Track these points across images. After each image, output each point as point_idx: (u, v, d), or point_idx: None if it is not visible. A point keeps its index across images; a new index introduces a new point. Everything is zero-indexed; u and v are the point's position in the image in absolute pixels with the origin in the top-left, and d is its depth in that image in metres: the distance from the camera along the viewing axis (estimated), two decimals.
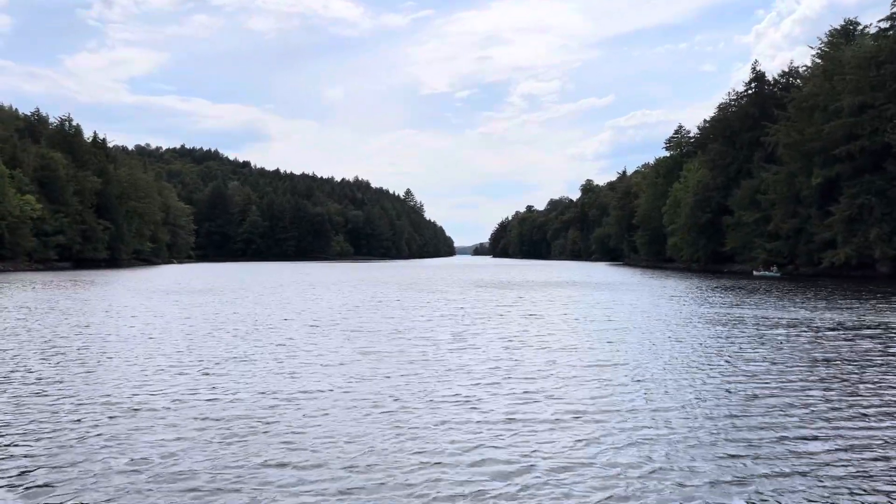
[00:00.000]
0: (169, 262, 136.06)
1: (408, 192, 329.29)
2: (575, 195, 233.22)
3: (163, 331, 21.19)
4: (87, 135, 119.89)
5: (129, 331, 21.09)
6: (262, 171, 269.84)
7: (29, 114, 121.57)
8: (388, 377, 13.17)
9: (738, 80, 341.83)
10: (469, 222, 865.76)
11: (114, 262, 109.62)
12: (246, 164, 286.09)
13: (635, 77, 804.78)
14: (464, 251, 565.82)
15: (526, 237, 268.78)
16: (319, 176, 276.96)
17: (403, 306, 30.50)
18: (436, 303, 32.84)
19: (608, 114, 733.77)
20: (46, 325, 22.58)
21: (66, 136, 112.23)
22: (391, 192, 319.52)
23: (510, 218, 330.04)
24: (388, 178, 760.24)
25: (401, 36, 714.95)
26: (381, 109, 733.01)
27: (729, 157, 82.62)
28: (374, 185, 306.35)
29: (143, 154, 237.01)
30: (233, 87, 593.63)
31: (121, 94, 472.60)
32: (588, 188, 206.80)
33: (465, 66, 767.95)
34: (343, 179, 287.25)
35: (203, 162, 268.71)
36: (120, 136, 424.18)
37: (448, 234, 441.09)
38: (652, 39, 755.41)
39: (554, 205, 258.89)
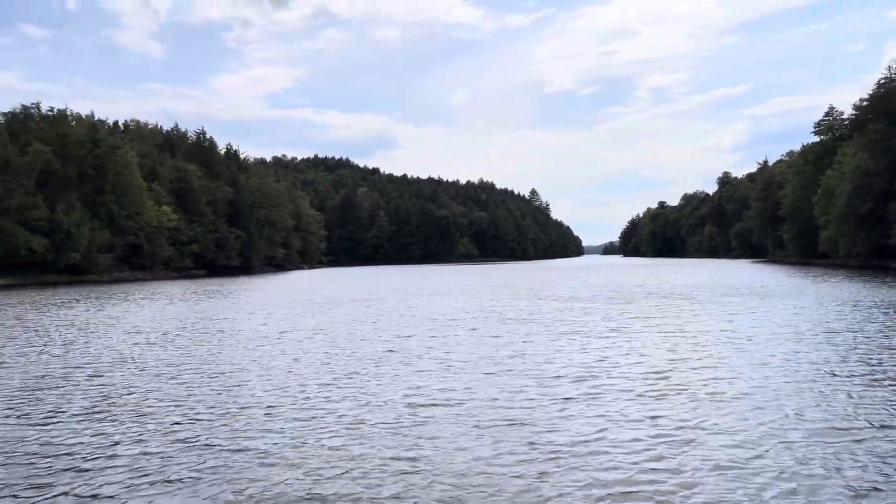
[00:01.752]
0: (300, 267, 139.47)
1: (533, 192, 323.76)
2: (710, 189, 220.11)
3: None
4: (225, 148, 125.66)
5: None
6: (389, 177, 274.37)
7: (169, 129, 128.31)
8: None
9: (892, 56, 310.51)
10: (597, 221, 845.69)
11: (246, 268, 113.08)
12: (375, 171, 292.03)
13: (771, 63, 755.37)
14: (592, 250, 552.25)
15: (658, 234, 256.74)
16: (445, 179, 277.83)
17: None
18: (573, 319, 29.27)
19: (743, 103, 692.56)
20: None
21: (201, 149, 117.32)
22: (516, 192, 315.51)
23: (641, 215, 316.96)
24: (513, 178, 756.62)
25: (523, 35, 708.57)
26: (506, 110, 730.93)
27: (893, 137, 73.06)
28: (499, 186, 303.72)
29: (280, 165, 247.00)
30: (362, 97, 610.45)
31: (259, 109, 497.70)
32: (725, 181, 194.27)
33: (589, 61, 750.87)
34: (468, 182, 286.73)
35: (335, 170, 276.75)
36: (259, 149, 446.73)
37: (576, 233, 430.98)
38: (789, 22, 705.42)
39: (688, 200, 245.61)
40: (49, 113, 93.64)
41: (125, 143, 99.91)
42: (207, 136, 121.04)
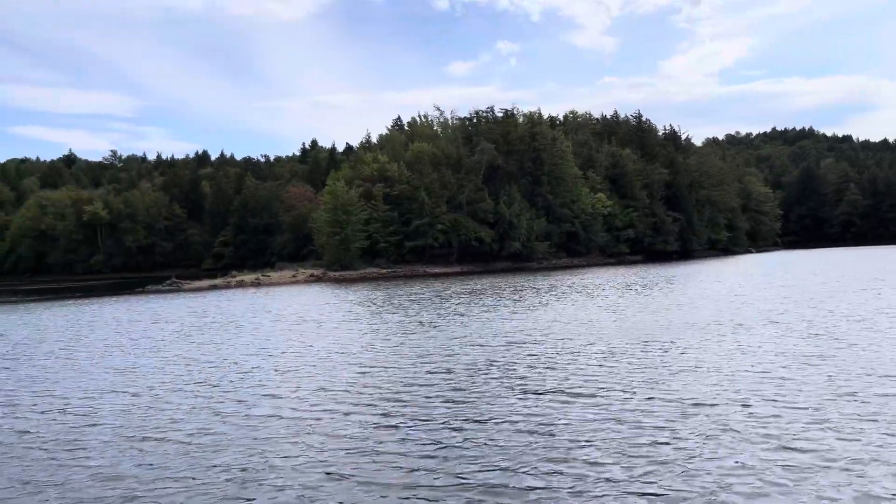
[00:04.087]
0: (748, 251, 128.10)
1: None
2: None
3: None
4: (663, 129, 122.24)
5: None
6: (864, 144, 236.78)
7: (608, 116, 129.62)
8: None
9: None
10: None
11: (685, 253, 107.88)
12: (845, 139, 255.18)
13: None
14: None
15: None
16: None
17: None
18: None
19: None
20: None
21: (638, 133, 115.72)
22: None
23: None
24: None
25: None
26: None
27: None
28: None
29: (732, 142, 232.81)
30: (830, 59, 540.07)
31: (711, 86, 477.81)
32: None
33: None
34: None
35: (795, 142, 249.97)
36: (710, 128, 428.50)
37: None
38: None
39: None
40: (499, 115, 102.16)
41: (564, 134, 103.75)
42: (644, 119, 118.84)
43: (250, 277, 72.33)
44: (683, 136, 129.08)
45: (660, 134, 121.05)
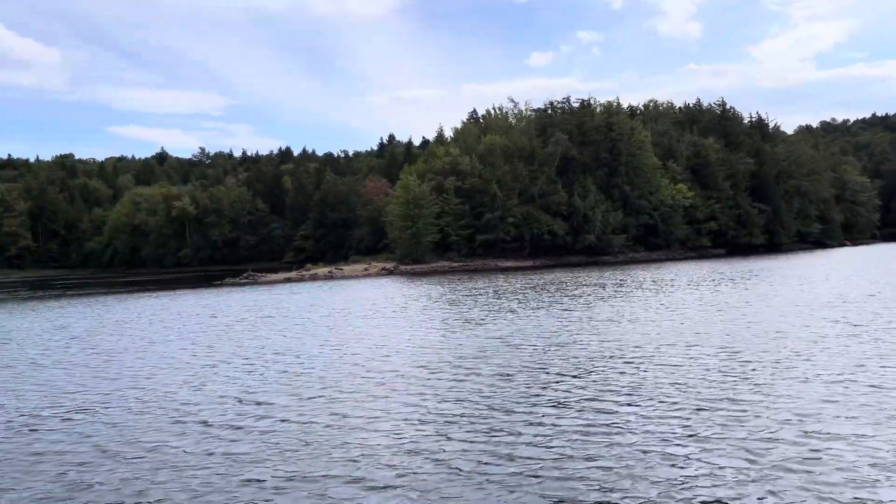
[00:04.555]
0: (842, 244, 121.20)
1: None
2: None
3: None
4: (749, 117, 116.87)
5: None
6: None
7: (690, 104, 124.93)
8: None
9: None
10: None
11: (773, 246, 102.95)
12: None
13: None
14: None
15: None
16: None
17: None
18: None
19: None
20: None
21: (721, 121, 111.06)
22: None
23: None
24: None
25: None
26: None
27: None
28: None
29: (828, 130, 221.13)
30: None
31: (805, 71, 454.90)
32: None
33: None
34: None
35: None
36: (804, 115, 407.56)
37: None
38: None
39: None
40: (575, 105, 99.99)
41: (642, 123, 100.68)
42: (729, 107, 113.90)
43: (323, 271, 73.55)
44: (771, 124, 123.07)
45: (745, 122, 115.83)
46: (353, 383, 15.43)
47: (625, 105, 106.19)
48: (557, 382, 14.47)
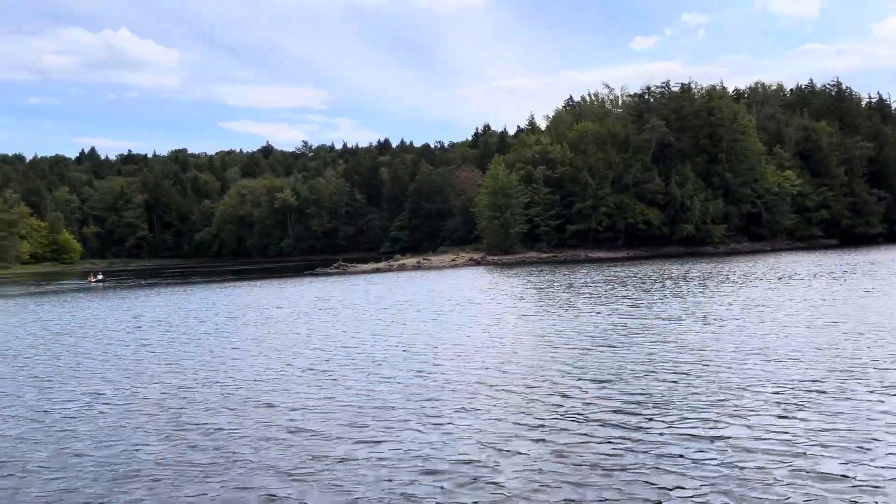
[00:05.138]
0: None
1: None
2: None
3: None
4: (867, 98, 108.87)
5: None
6: None
7: (803, 86, 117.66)
8: None
9: None
10: None
11: (892, 235, 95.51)
12: None
13: None
14: None
15: None
16: None
17: None
18: None
19: None
20: None
21: (836, 103, 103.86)
22: None
23: None
24: None
25: None
26: None
27: None
28: None
29: None
30: None
31: None
32: None
33: None
34: None
35: None
36: None
37: None
38: None
39: None
40: (674, 89, 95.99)
41: (746, 107, 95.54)
42: (845, 88, 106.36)
43: (412, 261, 74.08)
44: (894, 105, 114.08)
45: (863, 104, 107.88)
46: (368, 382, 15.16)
47: (730, 89, 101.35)
48: (581, 392, 13.66)
